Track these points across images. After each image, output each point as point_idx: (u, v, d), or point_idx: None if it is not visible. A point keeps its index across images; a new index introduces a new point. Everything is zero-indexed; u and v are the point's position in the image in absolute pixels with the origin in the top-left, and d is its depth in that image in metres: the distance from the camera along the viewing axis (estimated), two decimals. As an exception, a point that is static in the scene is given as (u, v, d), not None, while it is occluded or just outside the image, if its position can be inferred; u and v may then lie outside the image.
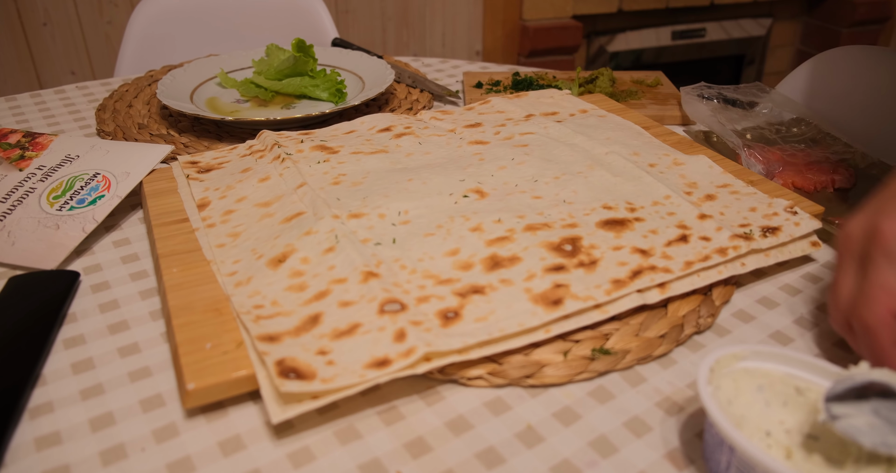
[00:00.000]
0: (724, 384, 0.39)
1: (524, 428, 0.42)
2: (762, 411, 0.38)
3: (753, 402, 0.38)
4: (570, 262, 0.51)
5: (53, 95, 0.94)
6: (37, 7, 1.70)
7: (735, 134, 0.74)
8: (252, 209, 0.59)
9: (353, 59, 0.98)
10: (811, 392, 0.39)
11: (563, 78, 0.98)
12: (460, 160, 0.67)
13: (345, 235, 0.53)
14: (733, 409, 0.38)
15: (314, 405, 0.40)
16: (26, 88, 1.75)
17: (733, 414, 0.37)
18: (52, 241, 0.58)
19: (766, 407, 0.38)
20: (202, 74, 0.92)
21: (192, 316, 0.47)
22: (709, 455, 0.39)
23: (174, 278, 0.51)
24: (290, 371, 0.40)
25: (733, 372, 0.40)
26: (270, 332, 0.44)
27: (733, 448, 0.35)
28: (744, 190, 0.61)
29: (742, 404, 0.38)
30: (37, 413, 0.43)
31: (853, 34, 2.55)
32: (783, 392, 0.39)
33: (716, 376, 0.39)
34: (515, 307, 0.47)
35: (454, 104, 0.93)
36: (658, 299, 0.50)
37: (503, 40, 2.27)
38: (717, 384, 0.39)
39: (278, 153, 0.67)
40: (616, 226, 0.55)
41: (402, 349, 0.42)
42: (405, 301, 0.46)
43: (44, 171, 0.66)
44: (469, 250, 0.52)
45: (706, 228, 0.55)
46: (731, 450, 0.36)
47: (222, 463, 0.39)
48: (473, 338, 0.44)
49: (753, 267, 0.53)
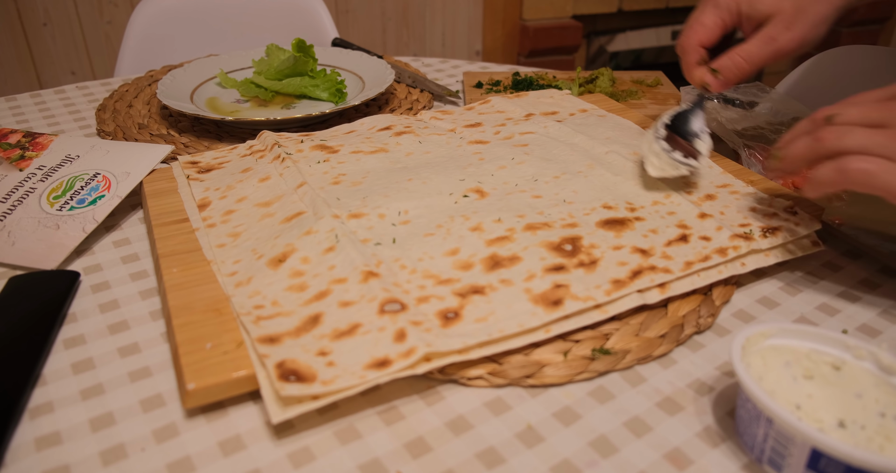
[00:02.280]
0: (754, 362, 0.40)
1: (524, 428, 0.42)
2: (790, 385, 0.39)
3: (781, 377, 0.40)
4: (570, 262, 0.51)
5: (53, 95, 0.94)
6: (37, 7, 1.70)
7: (735, 134, 0.74)
8: (252, 209, 0.59)
9: (353, 59, 0.98)
10: (846, 367, 0.40)
11: (563, 78, 0.98)
12: (460, 160, 0.67)
13: (345, 234, 0.53)
14: (763, 385, 0.39)
15: (315, 405, 0.40)
16: (26, 88, 1.75)
17: (763, 390, 0.38)
18: (52, 241, 0.58)
19: (794, 382, 0.39)
20: (202, 74, 0.92)
21: (192, 316, 0.47)
22: (743, 430, 0.40)
23: (174, 278, 0.51)
24: (291, 374, 0.40)
25: (761, 350, 0.41)
26: (271, 333, 0.44)
27: (771, 419, 0.37)
28: (744, 190, 0.61)
29: (771, 380, 0.39)
30: (37, 413, 0.43)
31: (853, 34, 2.55)
32: (809, 367, 0.40)
33: (745, 354, 0.40)
34: (515, 307, 0.47)
35: (454, 104, 0.93)
36: (658, 299, 0.50)
37: (503, 40, 2.27)
38: (748, 361, 0.40)
39: (278, 153, 0.67)
40: (616, 225, 0.55)
41: (402, 350, 0.42)
42: (405, 301, 0.46)
43: (44, 171, 0.66)
44: (469, 250, 0.52)
45: (706, 227, 0.55)
46: (769, 422, 0.37)
47: (222, 463, 0.39)
48: (473, 339, 0.44)
49: (753, 267, 0.53)
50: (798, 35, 0.57)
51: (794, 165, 0.48)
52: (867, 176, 0.44)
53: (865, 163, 0.44)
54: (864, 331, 0.50)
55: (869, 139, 0.44)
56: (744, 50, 0.59)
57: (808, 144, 0.47)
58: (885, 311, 0.52)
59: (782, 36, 0.57)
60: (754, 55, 0.58)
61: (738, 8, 0.59)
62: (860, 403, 0.38)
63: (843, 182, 0.45)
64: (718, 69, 0.60)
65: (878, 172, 0.43)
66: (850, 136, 0.45)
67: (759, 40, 0.58)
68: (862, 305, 0.53)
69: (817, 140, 0.46)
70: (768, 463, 0.38)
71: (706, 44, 0.61)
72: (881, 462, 0.33)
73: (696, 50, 0.61)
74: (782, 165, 0.49)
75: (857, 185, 0.44)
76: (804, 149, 0.47)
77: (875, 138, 0.44)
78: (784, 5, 0.57)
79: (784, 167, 0.49)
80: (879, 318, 0.52)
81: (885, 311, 0.52)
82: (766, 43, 0.58)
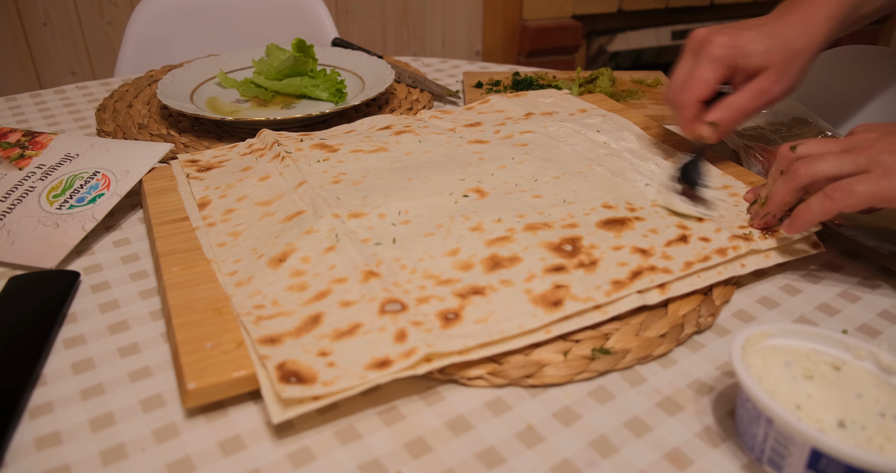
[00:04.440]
0: (754, 362, 0.40)
1: (524, 428, 0.42)
2: (790, 385, 0.39)
3: (781, 377, 0.40)
4: (570, 262, 0.51)
5: (53, 95, 0.94)
6: (37, 7, 1.70)
7: (735, 134, 0.74)
8: (252, 208, 0.59)
9: (353, 59, 0.98)
10: (846, 367, 0.40)
11: (563, 78, 0.98)
12: (460, 159, 0.67)
13: (345, 234, 0.53)
14: (763, 385, 0.39)
15: (315, 405, 0.40)
16: (26, 88, 1.75)
17: (763, 390, 0.38)
18: (52, 240, 0.58)
19: (794, 382, 0.39)
20: (202, 74, 0.92)
21: (192, 315, 0.47)
22: (743, 430, 0.40)
23: (174, 278, 0.51)
24: (292, 375, 0.40)
25: (761, 350, 0.41)
26: (271, 334, 0.44)
27: (771, 419, 0.37)
28: (743, 191, 0.61)
29: (771, 380, 0.40)
30: (37, 413, 0.43)
31: (853, 34, 2.55)
32: (809, 367, 0.40)
33: (745, 354, 0.40)
34: (515, 308, 0.47)
35: (454, 104, 0.93)
36: (658, 300, 0.50)
37: (503, 40, 2.27)
38: (748, 361, 0.40)
39: (278, 151, 0.67)
40: (616, 225, 0.55)
41: (402, 350, 0.42)
42: (406, 301, 0.46)
43: (43, 170, 0.66)
44: (469, 250, 0.52)
45: (706, 228, 0.55)
46: (769, 422, 0.37)
47: (222, 463, 0.39)
48: (473, 340, 0.44)
49: (753, 268, 0.53)
50: (787, 86, 0.60)
51: (780, 206, 0.53)
52: (858, 195, 0.47)
53: (852, 184, 0.47)
54: (864, 331, 0.50)
55: (839, 160, 0.49)
56: (739, 102, 0.60)
57: (785, 182, 0.52)
58: (885, 311, 0.52)
59: (774, 88, 0.60)
60: (749, 107, 0.60)
61: (734, 61, 0.60)
62: (860, 403, 0.38)
63: (833, 209, 0.48)
64: (716, 122, 0.60)
65: (868, 186, 0.47)
66: (821, 162, 0.49)
67: (753, 93, 0.60)
68: (862, 305, 0.53)
69: (792, 174, 0.51)
70: (768, 463, 0.38)
71: (704, 99, 0.61)
72: (881, 462, 0.33)
73: (695, 106, 0.61)
74: (770, 207, 0.54)
75: (850, 206, 0.47)
76: (784, 186, 0.52)
77: (844, 159, 0.48)
78: (774, 59, 0.59)
79: (772, 210, 0.54)
80: (879, 318, 0.52)
81: (885, 311, 0.52)
82: (759, 95, 0.60)
